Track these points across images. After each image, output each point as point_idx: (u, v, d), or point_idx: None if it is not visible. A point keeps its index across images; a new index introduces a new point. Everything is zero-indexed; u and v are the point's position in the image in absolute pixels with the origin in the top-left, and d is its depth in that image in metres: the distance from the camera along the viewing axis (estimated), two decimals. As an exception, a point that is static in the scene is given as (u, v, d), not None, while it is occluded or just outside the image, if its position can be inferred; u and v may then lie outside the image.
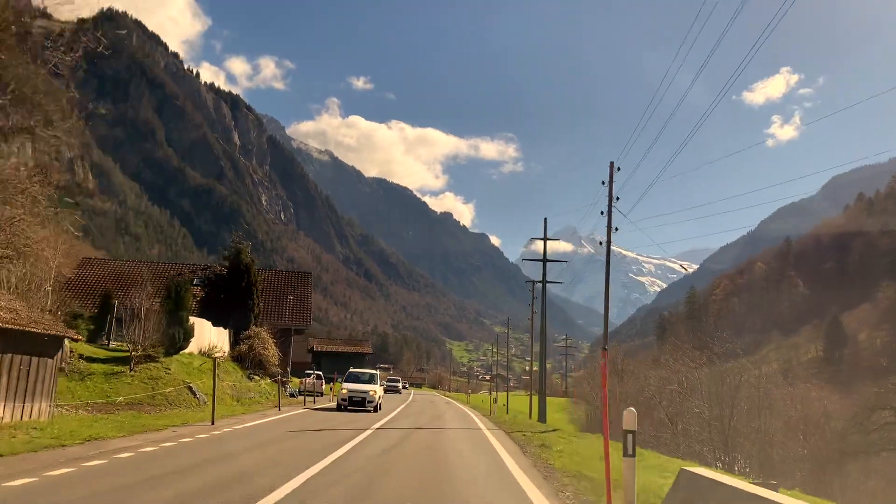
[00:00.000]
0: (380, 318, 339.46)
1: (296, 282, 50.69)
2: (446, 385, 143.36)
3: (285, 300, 46.35)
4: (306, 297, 47.85)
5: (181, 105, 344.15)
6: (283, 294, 47.28)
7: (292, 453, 14.07)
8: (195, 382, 25.33)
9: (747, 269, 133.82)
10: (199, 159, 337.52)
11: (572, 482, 11.86)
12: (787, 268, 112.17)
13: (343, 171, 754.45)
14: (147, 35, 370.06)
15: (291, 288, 48.36)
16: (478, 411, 41.12)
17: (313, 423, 22.27)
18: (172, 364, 25.51)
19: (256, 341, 36.06)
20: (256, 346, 35.66)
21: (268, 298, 46.10)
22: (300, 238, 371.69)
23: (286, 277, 51.52)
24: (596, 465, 13.10)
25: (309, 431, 19.23)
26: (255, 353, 34.96)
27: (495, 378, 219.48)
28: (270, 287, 47.99)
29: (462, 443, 18.89)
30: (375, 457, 14.13)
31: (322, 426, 21.00)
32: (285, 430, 19.06)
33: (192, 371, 26.76)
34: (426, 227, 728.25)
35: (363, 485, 10.51)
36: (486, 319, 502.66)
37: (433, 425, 25.64)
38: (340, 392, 32.64)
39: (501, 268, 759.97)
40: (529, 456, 16.14)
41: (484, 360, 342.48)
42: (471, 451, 17.03)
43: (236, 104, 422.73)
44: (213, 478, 10.31)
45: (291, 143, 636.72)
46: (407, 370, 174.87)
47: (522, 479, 12.04)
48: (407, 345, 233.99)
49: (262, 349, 35.15)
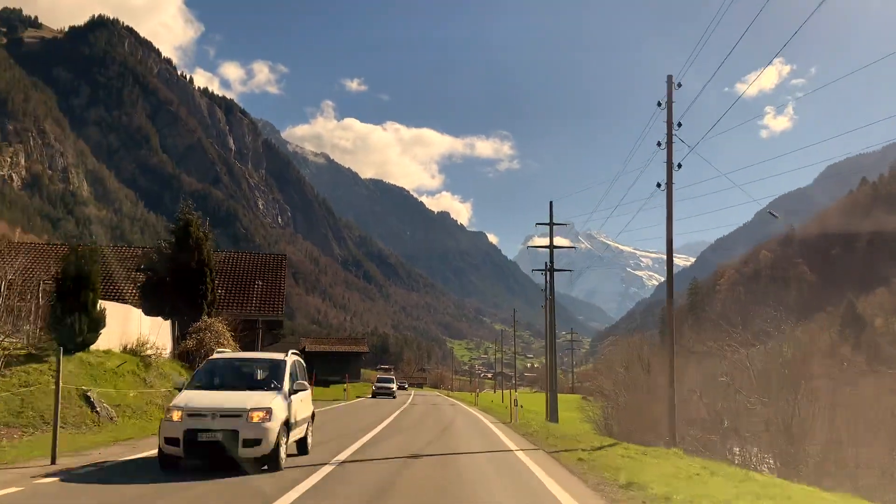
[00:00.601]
0: (380, 319, 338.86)
1: (266, 265, 42.41)
2: (448, 384, 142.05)
3: (252, 287, 38.89)
4: (278, 284, 40.28)
5: (175, 111, 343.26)
6: (249, 280, 39.70)
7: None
8: (98, 391, 18.55)
9: (752, 258, 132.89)
10: (195, 165, 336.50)
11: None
12: (793, 256, 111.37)
13: (339, 174, 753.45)
14: (139, 41, 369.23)
15: (260, 273, 40.57)
16: (492, 416, 34.21)
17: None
18: (71, 364, 18.40)
19: (208, 335, 29.18)
20: (208, 342, 28.73)
21: (230, 284, 38.89)
22: (298, 241, 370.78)
23: (254, 260, 43.41)
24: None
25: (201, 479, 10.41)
26: (207, 350, 28.19)
27: (498, 376, 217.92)
28: (235, 271, 40.72)
29: (498, 492, 10.98)
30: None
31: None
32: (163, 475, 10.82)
33: (101, 375, 19.81)
34: (424, 227, 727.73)
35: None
36: (486, 317, 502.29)
37: (439, 447, 17.41)
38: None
39: (500, 265, 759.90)
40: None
41: (485, 357, 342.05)
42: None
43: (230, 109, 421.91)
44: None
45: (287, 147, 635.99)
46: (408, 370, 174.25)
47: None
48: (407, 345, 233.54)
49: (216, 345, 28.37)
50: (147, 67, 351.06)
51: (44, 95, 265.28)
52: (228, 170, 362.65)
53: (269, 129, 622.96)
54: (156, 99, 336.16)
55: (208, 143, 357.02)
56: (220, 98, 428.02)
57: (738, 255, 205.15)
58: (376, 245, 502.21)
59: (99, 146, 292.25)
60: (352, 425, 24.28)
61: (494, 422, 28.71)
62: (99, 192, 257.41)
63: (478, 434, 22.43)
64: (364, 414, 31.49)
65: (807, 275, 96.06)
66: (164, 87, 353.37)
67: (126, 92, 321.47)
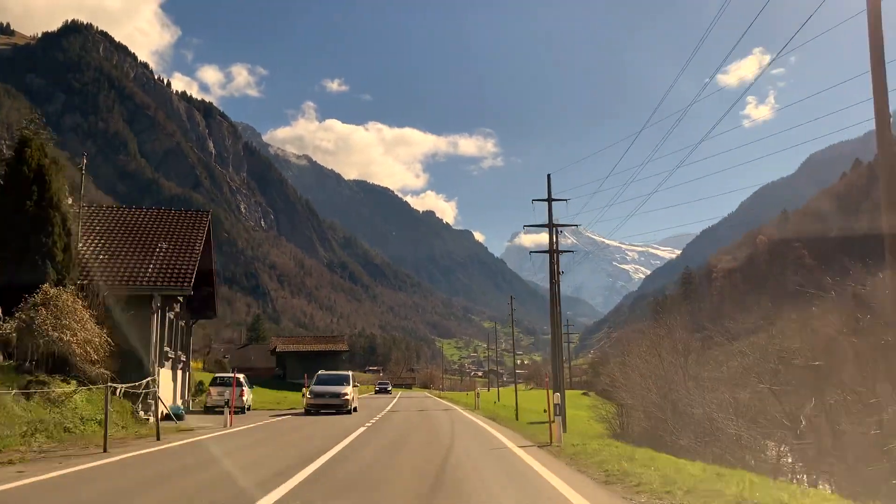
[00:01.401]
0: (367, 319, 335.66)
1: (178, 225, 29.36)
2: (438, 384, 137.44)
3: (153, 250, 26.92)
4: (193, 245, 27.72)
5: (153, 115, 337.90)
6: (149, 241, 27.55)
7: None
8: None
9: (746, 242, 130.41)
10: (174, 169, 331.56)
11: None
12: (789, 240, 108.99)
13: (322, 176, 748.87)
14: (114, 46, 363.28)
15: (168, 233, 28.24)
16: (510, 429, 22.86)
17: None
18: None
19: (45, 314, 18.78)
20: (42, 324, 18.57)
21: (110, 243, 27.24)
22: (282, 244, 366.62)
23: (162, 218, 30.04)
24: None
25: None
26: (49, 339, 18.46)
27: (489, 374, 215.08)
28: (130, 230, 28.50)
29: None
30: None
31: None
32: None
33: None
34: (409, 227, 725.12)
35: None
36: (475, 316, 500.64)
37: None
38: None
39: (487, 263, 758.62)
40: None
41: (474, 356, 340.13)
42: None
43: (209, 112, 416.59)
44: None
45: (269, 150, 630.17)
46: (396, 371, 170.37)
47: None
48: (396, 345, 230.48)
49: (59, 329, 18.69)
50: (123, 72, 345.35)
51: (16, 103, 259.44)
52: (209, 174, 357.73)
53: (250, 133, 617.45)
54: (133, 104, 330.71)
55: (188, 148, 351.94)
56: (199, 102, 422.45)
57: (725, 245, 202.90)
58: (362, 246, 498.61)
59: (76, 153, 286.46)
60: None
61: (525, 444, 16.50)
62: (75, 199, 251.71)
63: (505, 477, 10.90)
64: (291, 441, 17.77)
65: (806, 258, 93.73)
66: (142, 91, 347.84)
67: (102, 97, 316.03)
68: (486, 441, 17.89)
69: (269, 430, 21.30)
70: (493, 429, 22.57)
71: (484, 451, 15.30)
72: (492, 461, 13.20)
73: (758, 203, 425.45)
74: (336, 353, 76.26)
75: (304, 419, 26.50)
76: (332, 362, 65.64)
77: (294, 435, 19.68)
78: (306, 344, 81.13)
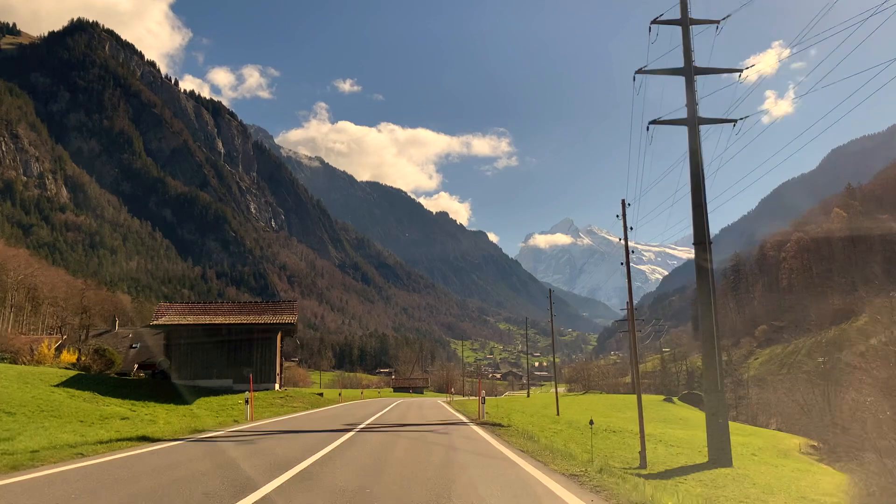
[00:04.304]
0: (380, 321, 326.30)
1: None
2: (457, 387, 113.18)
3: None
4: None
5: (159, 113, 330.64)
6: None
7: None
8: None
9: (809, 219, 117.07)
10: (181, 168, 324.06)
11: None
12: (873, 210, 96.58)
13: (335, 177, 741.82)
14: (120, 44, 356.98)
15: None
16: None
17: None
18: None
19: None
20: None
21: None
22: (293, 244, 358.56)
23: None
24: None
25: None
26: None
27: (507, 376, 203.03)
28: None
29: None
30: None
31: None
32: None
33: None
34: (423, 229, 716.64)
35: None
36: (490, 317, 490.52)
37: None
38: None
39: (501, 264, 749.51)
40: None
41: (490, 358, 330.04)
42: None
43: (218, 111, 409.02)
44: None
45: (280, 152, 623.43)
46: (404, 371, 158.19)
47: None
48: (409, 345, 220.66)
49: None
50: (129, 70, 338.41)
51: (18, 100, 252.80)
52: (217, 173, 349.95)
53: (263, 135, 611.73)
54: (139, 102, 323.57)
55: (195, 146, 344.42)
56: (208, 101, 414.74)
57: (741, 248, 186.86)
58: (374, 247, 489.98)
59: (80, 151, 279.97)
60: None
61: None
62: (80, 197, 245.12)
63: None
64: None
65: (894, 230, 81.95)
66: (148, 89, 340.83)
67: (107, 95, 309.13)
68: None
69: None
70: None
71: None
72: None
73: (778, 198, 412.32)
74: (272, 331, 40.25)
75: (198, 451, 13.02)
76: (266, 347, 39.71)
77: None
78: (218, 314, 41.53)
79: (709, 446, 16.35)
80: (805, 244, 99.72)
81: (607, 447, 19.31)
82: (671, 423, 33.17)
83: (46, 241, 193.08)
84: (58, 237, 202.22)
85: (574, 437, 20.38)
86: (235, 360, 39.64)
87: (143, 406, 26.67)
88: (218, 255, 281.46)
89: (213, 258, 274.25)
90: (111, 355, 43.23)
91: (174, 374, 38.83)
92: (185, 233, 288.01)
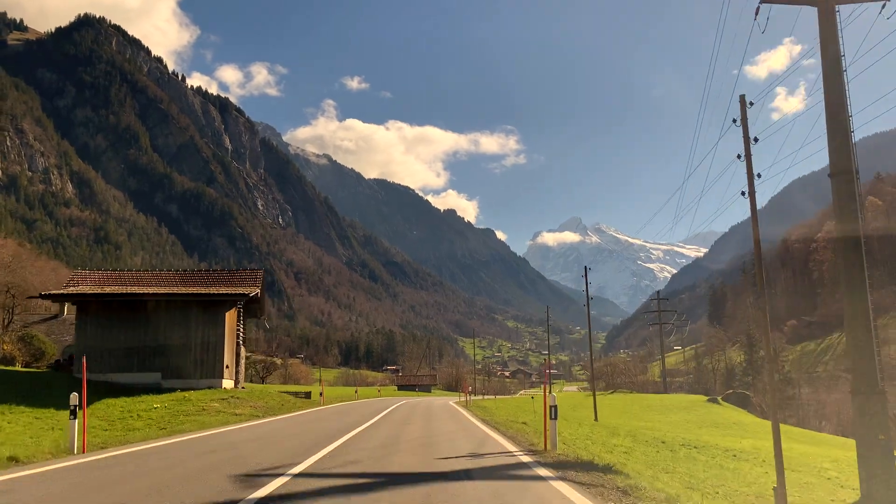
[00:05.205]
0: (387, 318, 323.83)
1: None
2: (468, 386, 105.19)
3: None
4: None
5: (166, 109, 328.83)
6: None
7: None
8: None
9: (829, 215, 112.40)
10: (188, 164, 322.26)
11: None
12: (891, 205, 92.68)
13: (342, 175, 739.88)
14: (127, 40, 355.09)
15: None
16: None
17: None
18: None
19: None
20: None
21: None
22: (300, 241, 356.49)
23: None
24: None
25: None
26: None
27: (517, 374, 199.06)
28: None
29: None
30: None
31: None
32: None
33: None
34: (430, 226, 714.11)
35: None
36: (498, 315, 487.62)
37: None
38: None
39: (510, 262, 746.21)
40: None
41: (499, 356, 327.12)
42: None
43: (225, 107, 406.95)
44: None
45: (288, 150, 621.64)
46: (409, 368, 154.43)
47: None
48: (416, 342, 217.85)
49: None
50: (136, 66, 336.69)
51: (24, 95, 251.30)
52: (224, 169, 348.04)
53: (271, 133, 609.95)
54: (145, 97, 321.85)
55: (202, 142, 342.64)
56: (215, 97, 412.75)
57: (749, 249, 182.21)
58: (382, 244, 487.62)
59: (86, 147, 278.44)
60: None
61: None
62: (85, 193, 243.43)
63: None
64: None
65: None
66: (155, 85, 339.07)
67: (114, 91, 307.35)
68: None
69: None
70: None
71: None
72: None
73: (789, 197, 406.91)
74: (216, 305, 30.18)
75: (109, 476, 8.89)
76: (212, 332, 29.75)
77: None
78: (142, 285, 31.74)
79: (862, 476, 10.47)
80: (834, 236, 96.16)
81: (709, 476, 13.19)
82: (726, 428, 28.98)
83: (50, 236, 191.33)
84: (62, 232, 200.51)
85: (653, 459, 14.96)
86: (166, 347, 29.16)
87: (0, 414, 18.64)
88: (224, 251, 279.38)
89: (219, 254, 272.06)
90: (41, 343, 35.52)
91: (88, 364, 21.25)
92: (192, 229, 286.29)
